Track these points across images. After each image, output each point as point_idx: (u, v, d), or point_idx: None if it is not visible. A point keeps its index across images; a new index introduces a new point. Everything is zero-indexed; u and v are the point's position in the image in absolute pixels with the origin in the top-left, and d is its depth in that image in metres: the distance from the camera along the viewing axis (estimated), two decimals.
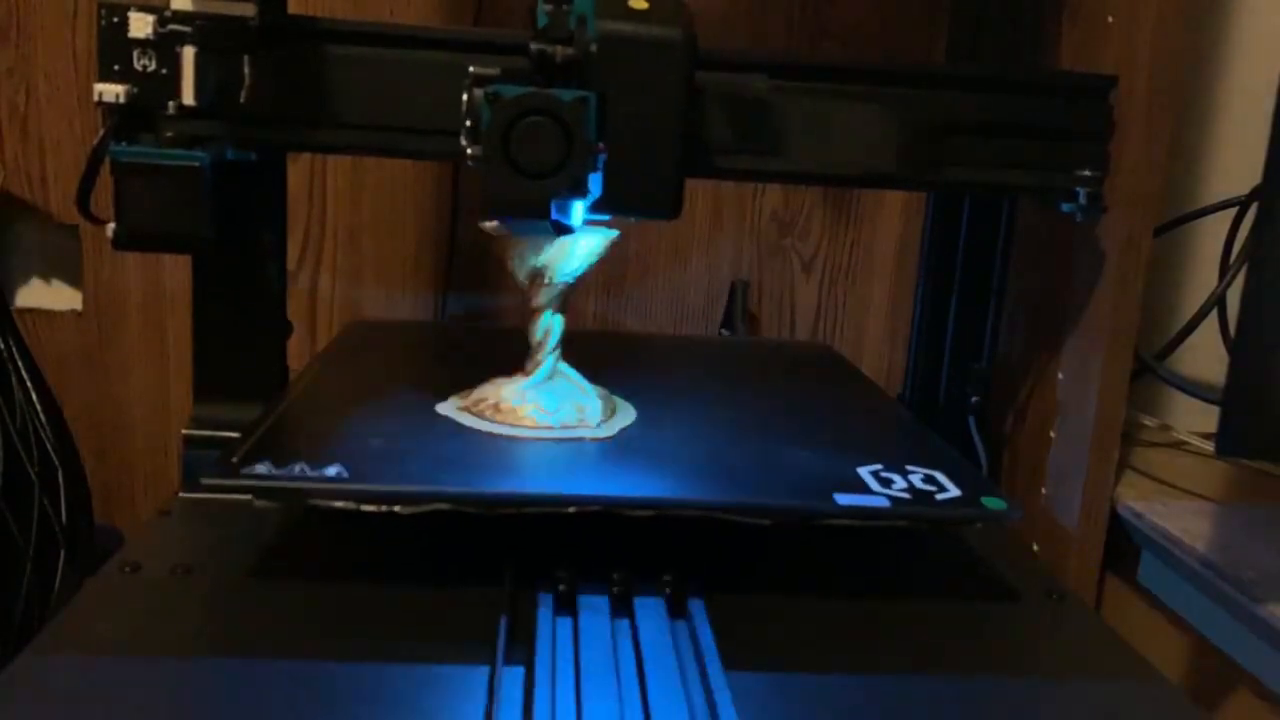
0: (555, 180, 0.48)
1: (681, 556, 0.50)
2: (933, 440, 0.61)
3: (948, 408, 0.77)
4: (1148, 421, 0.88)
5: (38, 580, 0.77)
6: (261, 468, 0.47)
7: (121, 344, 0.92)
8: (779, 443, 0.58)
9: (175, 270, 0.90)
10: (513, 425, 0.56)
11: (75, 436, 0.82)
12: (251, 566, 0.50)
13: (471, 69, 0.48)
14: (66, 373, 0.89)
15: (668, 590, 0.48)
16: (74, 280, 0.91)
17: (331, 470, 0.47)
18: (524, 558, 0.50)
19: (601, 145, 0.49)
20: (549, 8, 0.48)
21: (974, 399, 0.76)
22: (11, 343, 0.77)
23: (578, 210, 0.52)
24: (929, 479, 0.52)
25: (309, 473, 0.47)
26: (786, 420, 0.63)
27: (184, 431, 0.63)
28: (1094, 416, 0.72)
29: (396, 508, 0.47)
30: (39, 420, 0.78)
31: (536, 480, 0.52)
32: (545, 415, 0.56)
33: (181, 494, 0.57)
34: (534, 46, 0.49)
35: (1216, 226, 0.83)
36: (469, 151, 0.48)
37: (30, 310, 0.91)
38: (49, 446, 0.78)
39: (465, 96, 0.47)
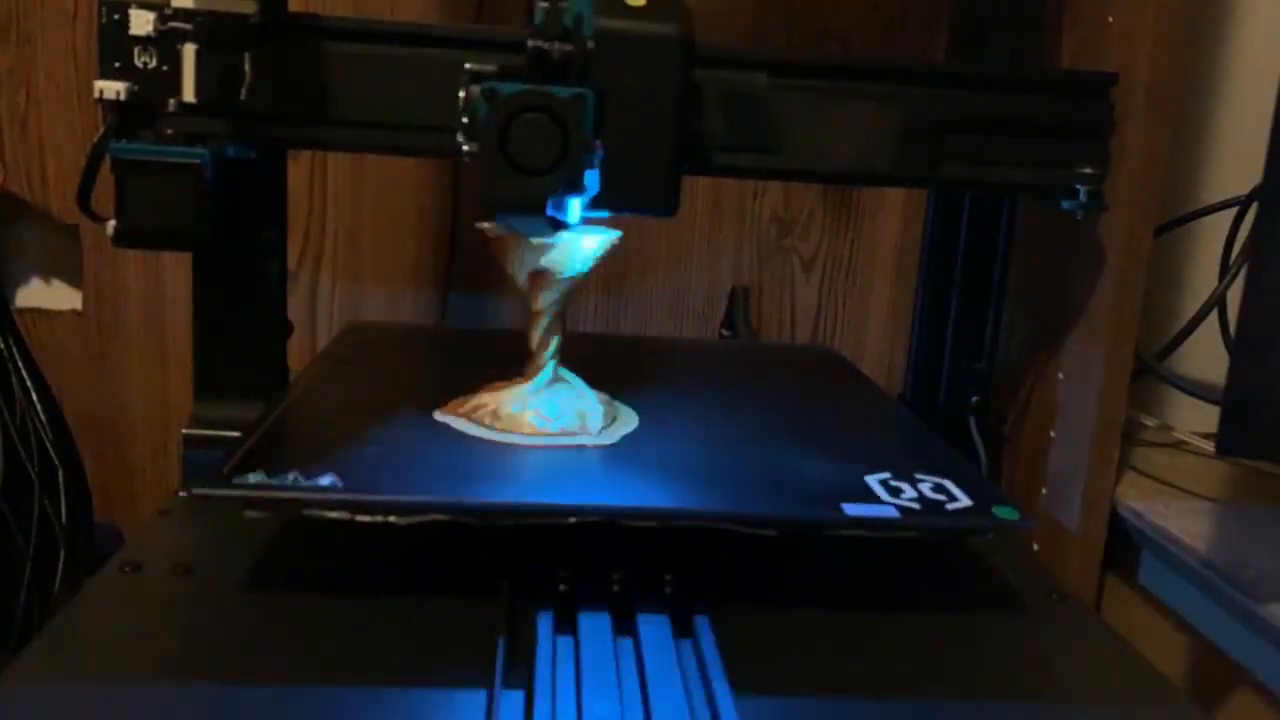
0: (552, 177, 0.48)
1: (686, 566, 0.49)
2: (939, 447, 0.60)
3: (948, 408, 0.77)
4: (1148, 421, 0.88)
5: (38, 580, 0.76)
6: (254, 477, 0.46)
7: (121, 344, 0.92)
8: (783, 449, 0.57)
9: (175, 270, 0.90)
10: (512, 432, 0.55)
11: (75, 436, 0.82)
12: (250, 568, 0.50)
13: (468, 66, 0.48)
14: (66, 373, 0.89)
15: (671, 606, 0.47)
16: (74, 280, 0.91)
17: (325, 480, 0.46)
18: (523, 568, 0.49)
19: (599, 142, 0.49)
20: (545, 5, 0.48)
21: (974, 399, 0.76)
22: (11, 343, 0.77)
23: (575, 207, 0.52)
24: (938, 488, 0.52)
25: (302, 482, 0.46)
26: (790, 426, 0.63)
27: (184, 431, 0.63)
28: (1094, 416, 0.72)
29: (392, 518, 0.46)
30: (39, 420, 0.78)
31: (536, 490, 0.51)
32: (545, 422, 0.56)
33: (181, 494, 0.57)
34: (531, 44, 0.49)
35: (1216, 226, 0.82)
36: (465, 149, 0.48)
37: (30, 310, 0.91)
38: (49, 446, 0.78)
39: (462, 93, 0.47)
